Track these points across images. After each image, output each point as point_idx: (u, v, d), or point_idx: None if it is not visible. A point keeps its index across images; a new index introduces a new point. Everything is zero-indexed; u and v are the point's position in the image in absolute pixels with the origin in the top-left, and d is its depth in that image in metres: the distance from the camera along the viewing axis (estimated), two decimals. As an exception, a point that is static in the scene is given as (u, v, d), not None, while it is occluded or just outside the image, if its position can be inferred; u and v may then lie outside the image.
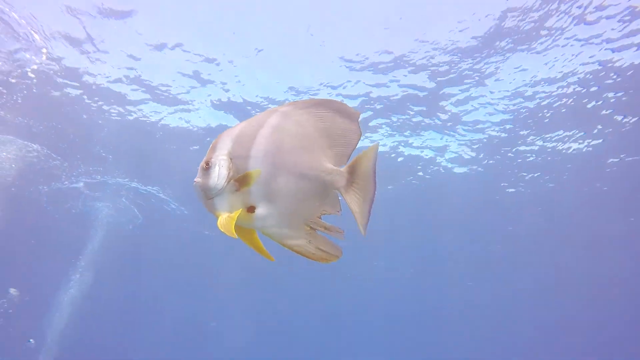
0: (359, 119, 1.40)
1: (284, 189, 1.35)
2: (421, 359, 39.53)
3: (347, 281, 22.00)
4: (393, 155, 11.87)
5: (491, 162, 11.94)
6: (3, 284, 16.62)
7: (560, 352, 34.21)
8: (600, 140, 10.49)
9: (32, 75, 8.99)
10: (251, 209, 1.36)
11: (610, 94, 8.97)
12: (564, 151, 11.16)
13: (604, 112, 9.51)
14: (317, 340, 39.99)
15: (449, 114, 10.13)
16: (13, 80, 9.28)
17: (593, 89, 8.84)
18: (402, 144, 11.45)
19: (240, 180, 1.34)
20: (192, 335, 38.17)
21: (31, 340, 19.03)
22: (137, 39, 8.30)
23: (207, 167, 1.35)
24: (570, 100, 9.29)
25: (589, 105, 9.36)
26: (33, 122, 10.71)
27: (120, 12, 7.72)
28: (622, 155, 10.98)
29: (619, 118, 9.63)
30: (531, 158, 11.64)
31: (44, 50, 8.51)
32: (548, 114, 9.80)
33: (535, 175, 12.44)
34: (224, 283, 22.82)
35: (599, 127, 10.05)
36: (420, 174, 12.74)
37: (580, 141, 10.70)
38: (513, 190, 13.34)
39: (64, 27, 7.96)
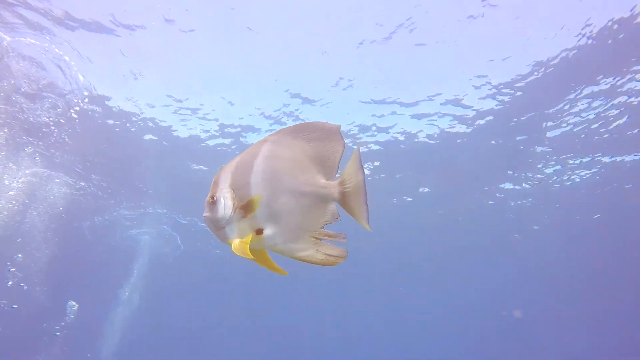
0: (340, 131, 1.50)
1: (286, 207, 1.44)
2: None
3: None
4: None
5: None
6: (58, 309, 17.31)
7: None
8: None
9: (75, 116, 9.34)
10: (259, 232, 1.44)
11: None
12: None
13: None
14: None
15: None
16: (62, 121, 9.69)
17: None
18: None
19: (245, 207, 1.43)
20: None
21: (89, 355, 19.81)
22: (175, 88, 8.49)
23: (213, 202, 1.43)
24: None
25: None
26: (79, 160, 11.15)
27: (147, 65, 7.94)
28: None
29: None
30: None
31: (86, 93, 8.82)
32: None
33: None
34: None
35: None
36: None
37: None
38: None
39: (104, 68, 8.20)
